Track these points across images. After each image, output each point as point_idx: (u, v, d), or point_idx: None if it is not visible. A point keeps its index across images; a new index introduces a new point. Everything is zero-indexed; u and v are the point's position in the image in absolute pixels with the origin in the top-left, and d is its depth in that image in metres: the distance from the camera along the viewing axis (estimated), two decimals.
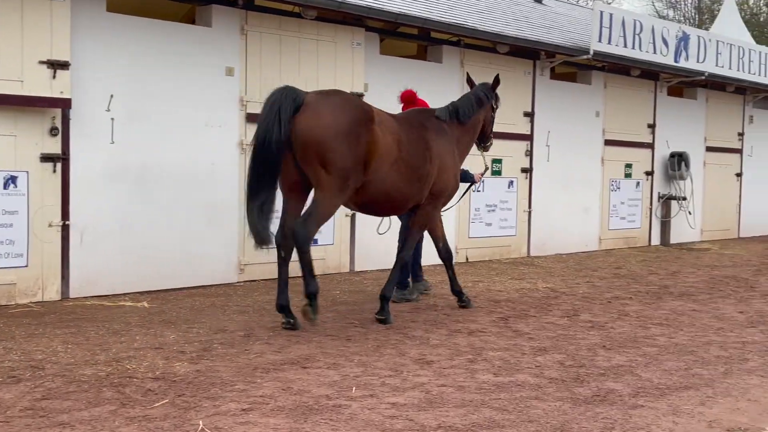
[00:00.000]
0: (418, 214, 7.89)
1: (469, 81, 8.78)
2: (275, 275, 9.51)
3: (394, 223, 9.11)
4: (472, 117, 8.31)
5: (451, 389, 5.42)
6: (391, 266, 8.02)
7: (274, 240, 7.09)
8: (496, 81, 8.66)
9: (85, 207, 8.35)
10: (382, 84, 10.73)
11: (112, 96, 8.49)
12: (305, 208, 7.16)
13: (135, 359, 5.94)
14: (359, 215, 10.43)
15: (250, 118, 9.49)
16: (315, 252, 9.98)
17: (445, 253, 8.42)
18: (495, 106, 8.77)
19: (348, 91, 10.16)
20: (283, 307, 7.19)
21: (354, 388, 5.35)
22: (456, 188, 8.23)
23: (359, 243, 10.72)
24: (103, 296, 8.40)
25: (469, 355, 6.42)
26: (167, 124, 8.95)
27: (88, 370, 5.62)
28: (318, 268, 10.11)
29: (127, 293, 8.59)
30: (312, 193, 7.14)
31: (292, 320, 7.16)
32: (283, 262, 7.20)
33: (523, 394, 5.38)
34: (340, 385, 5.44)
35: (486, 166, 9.30)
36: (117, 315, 7.55)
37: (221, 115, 9.38)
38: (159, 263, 8.90)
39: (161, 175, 8.92)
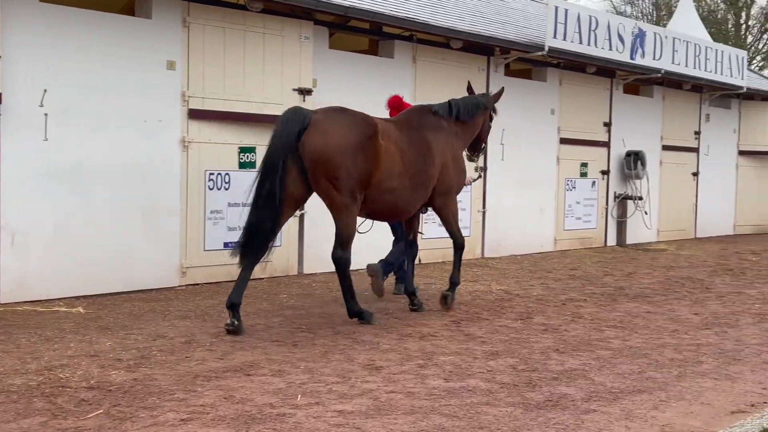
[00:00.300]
0: (444, 220, 8.39)
1: (470, 90, 8.94)
2: (219, 279, 9.36)
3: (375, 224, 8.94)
4: (471, 116, 8.53)
5: (400, 395, 5.34)
6: None
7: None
8: (499, 93, 9.00)
9: (16, 207, 8.08)
10: (332, 79, 10.66)
11: (45, 90, 8.21)
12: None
13: (68, 368, 5.78)
14: (308, 216, 10.34)
15: (193, 114, 9.36)
16: None
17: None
18: (492, 116, 9.02)
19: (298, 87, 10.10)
20: (233, 305, 7.09)
21: (299, 396, 5.26)
22: (463, 179, 8.55)
23: (308, 244, 10.54)
24: (35, 301, 8.16)
25: (420, 360, 6.34)
26: (104, 120, 8.70)
27: (17, 379, 5.45)
28: (264, 271, 9.92)
29: (62, 298, 8.36)
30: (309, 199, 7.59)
31: (236, 322, 7.05)
32: (249, 264, 7.20)
33: (474, 399, 5.31)
34: (285, 392, 5.34)
35: (479, 174, 9.45)
36: (50, 321, 7.37)
37: (162, 110, 9.16)
38: (95, 266, 8.65)
39: (98, 173, 8.66)
